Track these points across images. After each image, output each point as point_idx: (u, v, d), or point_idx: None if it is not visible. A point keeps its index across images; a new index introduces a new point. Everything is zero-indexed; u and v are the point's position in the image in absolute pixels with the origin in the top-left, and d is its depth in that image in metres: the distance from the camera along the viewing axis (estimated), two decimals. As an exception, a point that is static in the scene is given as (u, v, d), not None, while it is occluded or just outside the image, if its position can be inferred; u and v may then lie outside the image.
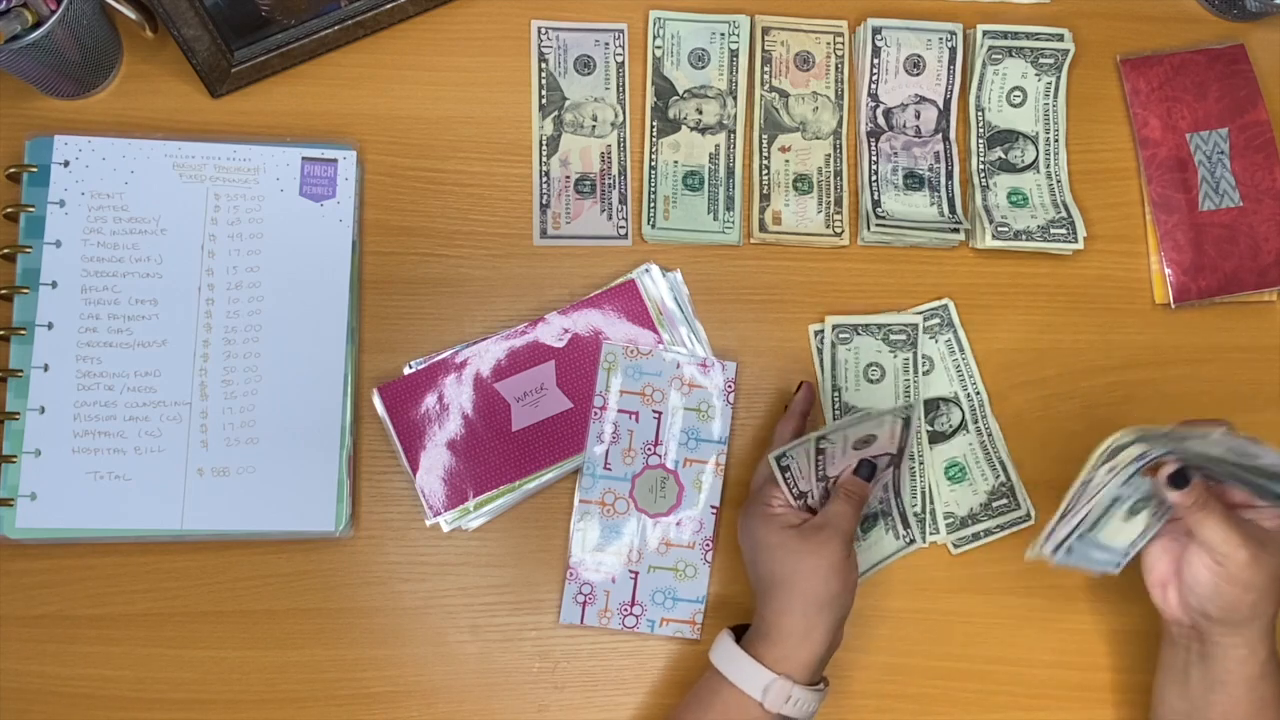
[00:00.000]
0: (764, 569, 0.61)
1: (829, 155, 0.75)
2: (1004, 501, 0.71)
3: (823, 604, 0.59)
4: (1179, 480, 0.56)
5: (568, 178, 0.73)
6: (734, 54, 0.75)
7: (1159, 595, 0.61)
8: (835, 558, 0.59)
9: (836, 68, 0.76)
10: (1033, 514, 0.71)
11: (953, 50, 0.76)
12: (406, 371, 0.70)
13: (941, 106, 0.76)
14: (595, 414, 0.70)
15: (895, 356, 0.72)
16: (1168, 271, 0.75)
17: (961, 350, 0.73)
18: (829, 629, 0.59)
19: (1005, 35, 0.76)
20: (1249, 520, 0.58)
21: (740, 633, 0.62)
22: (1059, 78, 0.77)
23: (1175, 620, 0.61)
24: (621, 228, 0.73)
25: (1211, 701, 0.59)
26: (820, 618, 0.59)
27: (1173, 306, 0.75)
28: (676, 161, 0.74)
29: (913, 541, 0.70)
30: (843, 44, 0.77)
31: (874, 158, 0.75)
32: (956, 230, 0.74)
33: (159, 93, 0.72)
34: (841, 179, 0.75)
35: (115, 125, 0.71)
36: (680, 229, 0.73)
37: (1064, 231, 0.74)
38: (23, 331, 0.67)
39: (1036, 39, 0.77)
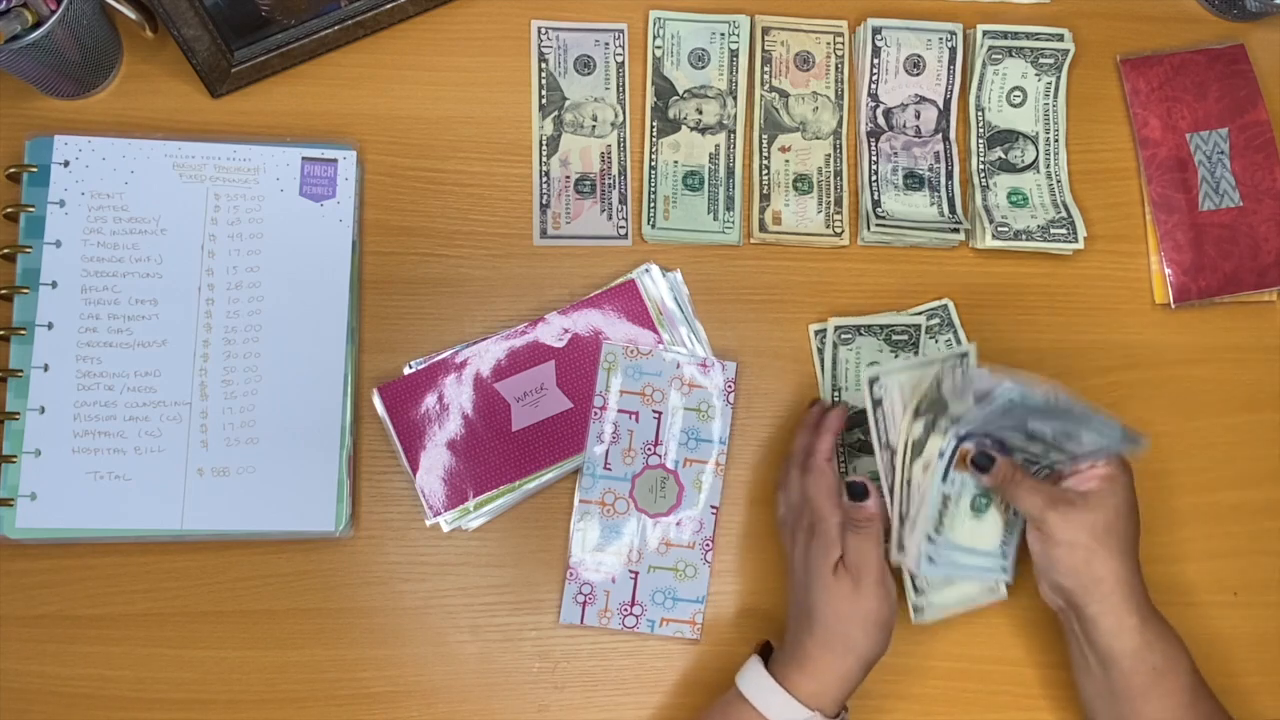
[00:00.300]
0: (808, 596, 0.61)
1: (829, 155, 0.75)
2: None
3: (860, 653, 0.60)
4: (983, 462, 0.60)
5: (568, 178, 0.73)
6: (734, 54, 0.75)
7: (1040, 587, 0.63)
8: (869, 607, 0.60)
9: (836, 68, 0.76)
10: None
11: (953, 50, 0.76)
12: (406, 371, 0.70)
13: (941, 106, 0.76)
14: (595, 414, 0.70)
15: (896, 357, 0.72)
16: (1168, 271, 0.75)
17: None
18: (863, 671, 0.61)
19: (1005, 35, 0.76)
20: (1062, 486, 0.61)
21: (764, 653, 0.63)
22: (1059, 78, 0.77)
23: (1055, 606, 0.63)
24: (621, 228, 0.73)
25: (1110, 679, 0.60)
26: (859, 664, 0.60)
27: (1173, 306, 0.75)
28: (676, 161, 0.74)
29: (1005, 570, 0.65)
30: (843, 44, 0.77)
31: (874, 158, 0.75)
32: (956, 230, 0.74)
33: (159, 93, 0.72)
34: (841, 179, 0.75)
35: (115, 125, 0.71)
36: (680, 229, 0.73)
37: (1064, 231, 0.74)
38: (23, 331, 0.67)
39: (1036, 39, 0.77)
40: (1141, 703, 0.59)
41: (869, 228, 0.73)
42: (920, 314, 0.73)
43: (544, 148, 0.74)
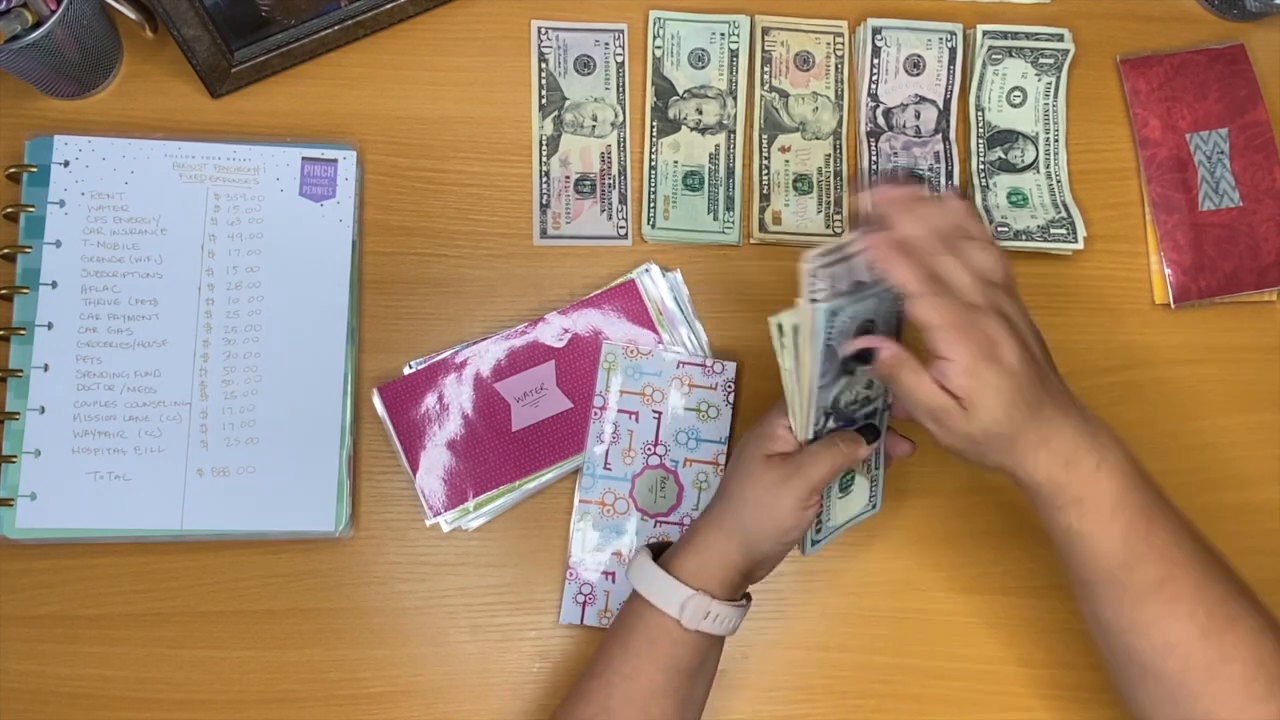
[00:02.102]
0: (727, 477, 0.59)
1: (829, 155, 0.75)
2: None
3: (748, 539, 0.57)
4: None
5: (568, 178, 0.74)
6: (734, 54, 0.75)
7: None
8: (783, 501, 0.56)
9: (836, 68, 0.76)
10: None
11: (953, 50, 0.76)
12: (406, 371, 0.70)
13: (941, 106, 0.76)
14: (595, 414, 0.70)
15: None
16: (1168, 271, 0.75)
17: None
18: (746, 562, 0.57)
19: (1005, 35, 0.76)
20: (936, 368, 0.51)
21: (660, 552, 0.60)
22: (1059, 78, 0.77)
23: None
24: (621, 228, 0.73)
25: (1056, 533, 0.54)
26: (744, 552, 0.57)
27: (1173, 306, 0.75)
28: (676, 161, 0.74)
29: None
30: (843, 44, 0.77)
31: (874, 158, 0.75)
32: (956, 230, 0.73)
33: (159, 93, 0.72)
34: (841, 179, 0.75)
35: (115, 125, 0.71)
36: (680, 229, 0.73)
37: (1064, 231, 0.74)
38: (23, 331, 0.67)
39: (1036, 39, 0.77)
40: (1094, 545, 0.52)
41: (869, 228, 0.73)
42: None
43: (544, 148, 0.74)
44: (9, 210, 0.68)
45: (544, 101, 0.74)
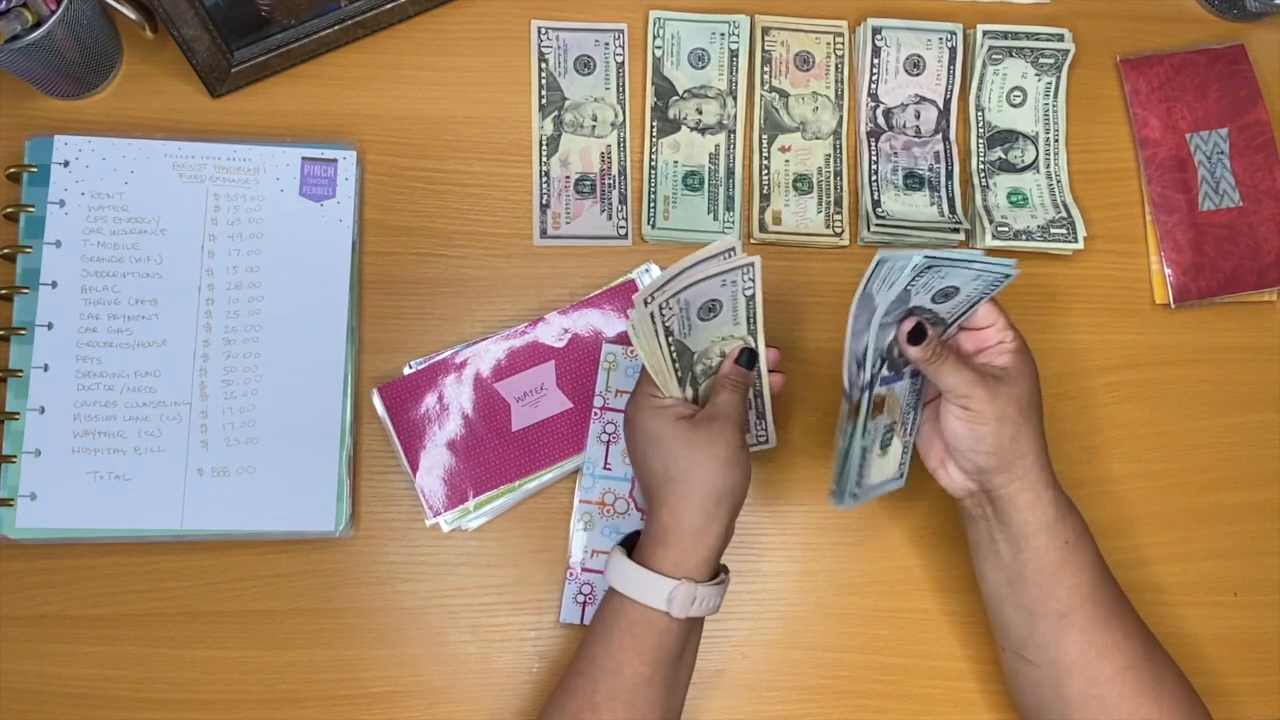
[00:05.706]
0: (657, 464, 0.59)
1: (829, 155, 0.75)
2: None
3: (720, 496, 0.57)
4: (916, 336, 0.58)
5: (568, 178, 0.74)
6: (734, 54, 0.75)
7: (942, 476, 0.62)
8: (731, 448, 0.57)
9: (836, 68, 0.76)
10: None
11: (953, 50, 0.76)
12: (406, 371, 0.70)
13: (941, 106, 0.76)
14: (595, 414, 0.70)
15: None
16: (1168, 271, 0.75)
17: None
18: (726, 521, 0.58)
19: (1005, 35, 0.76)
20: (981, 363, 0.60)
21: (631, 545, 0.60)
22: (1059, 78, 0.77)
23: (964, 491, 0.61)
24: (621, 228, 0.73)
25: (1022, 560, 0.59)
26: (718, 510, 0.57)
27: (1173, 306, 0.75)
28: (676, 161, 0.74)
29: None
30: (843, 44, 0.77)
31: (874, 158, 0.75)
32: (956, 230, 0.74)
33: (159, 93, 0.72)
34: (841, 179, 0.75)
35: (115, 125, 0.71)
36: (680, 229, 0.73)
37: (1064, 231, 0.74)
38: (23, 331, 0.67)
39: (1036, 39, 0.77)
40: (1054, 582, 0.58)
41: (869, 228, 0.73)
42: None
43: (544, 148, 0.74)
44: (9, 210, 0.68)
45: (544, 101, 0.74)
